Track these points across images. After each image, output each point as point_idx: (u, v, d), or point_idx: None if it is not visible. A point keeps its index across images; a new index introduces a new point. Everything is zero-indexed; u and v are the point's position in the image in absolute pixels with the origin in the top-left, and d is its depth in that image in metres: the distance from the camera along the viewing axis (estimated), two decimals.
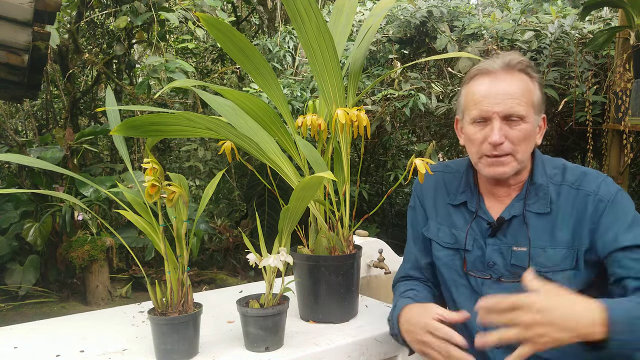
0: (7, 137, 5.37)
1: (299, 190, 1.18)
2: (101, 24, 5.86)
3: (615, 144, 2.90)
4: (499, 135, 1.20)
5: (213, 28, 1.20)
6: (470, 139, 1.27)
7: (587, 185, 1.23)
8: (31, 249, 4.40)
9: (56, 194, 1.31)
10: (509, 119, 1.21)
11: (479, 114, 1.23)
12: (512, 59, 1.23)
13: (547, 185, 1.25)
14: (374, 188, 5.51)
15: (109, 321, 1.50)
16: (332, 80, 1.36)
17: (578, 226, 1.21)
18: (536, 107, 1.24)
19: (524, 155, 1.24)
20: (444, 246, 1.38)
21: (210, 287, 4.66)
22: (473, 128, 1.26)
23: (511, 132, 1.21)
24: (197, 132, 1.30)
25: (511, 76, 1.22)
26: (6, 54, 3.03)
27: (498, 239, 1.28)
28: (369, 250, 2.01)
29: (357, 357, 1.33)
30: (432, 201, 1.43)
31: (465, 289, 1.35)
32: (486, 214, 1.32)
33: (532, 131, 1.23)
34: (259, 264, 1.26)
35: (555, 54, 3.16)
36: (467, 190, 1.36)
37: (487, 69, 1.24)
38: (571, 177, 1.26)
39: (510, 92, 1.20)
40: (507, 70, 1.22)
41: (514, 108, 1.20)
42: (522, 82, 1.22)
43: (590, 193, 1.22)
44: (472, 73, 1.28)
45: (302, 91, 3.82)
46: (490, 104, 1.21)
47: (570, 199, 1.23)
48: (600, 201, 1.20)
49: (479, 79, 1.25)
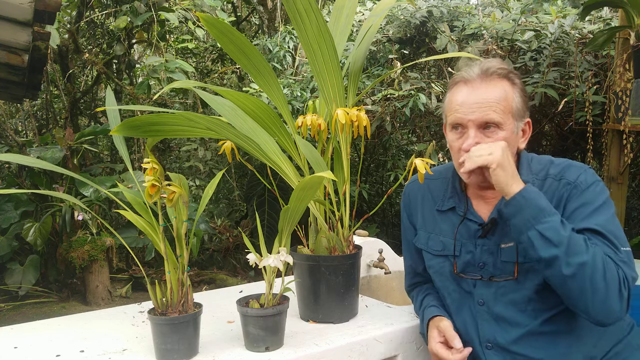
0: (7, 137, 5.38)
1: (299, 190, 1.18)
2: (101, 24, 5.86)
3: (615, 144, 2.90)
4: (472, 143, 1.22)
5: (213, 28, 1.20)
6: (450, 145, 1.31)
7: (569, 175, 1.25)
8: (31, 249, 4.41)
9: (56, 194, 1.31)
10: (484, 127, 1.23)
11: (455, 121, 1.26)
12: (491, 67, 1.25)
13: (533, 181, 1.27)
14: (374, 188, 5.51)
15: (109, 321, 1.50)
16: (332, 80, 1.36)
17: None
18: (515, 113, 1.25)
19: None
20: (434, 254, 1.40)
21: (210, 287, 4.66)
22: (452, 135, 1.29)
23: (488, 140, 1.22)
24: (197, 132, 1.30)
25: (487, 84, 1.23)
26: (6, 54, 3.03)
27: (487, 239, 1.30)
28: (369, 250, 2.01)
29: (357, 357, 1.33)
30: (420, 211, 1.45)
31: (456, 294, 1.36)
32: (475, 216, 1.33)
33: (511, 138, 1.24)
34: (259, 264, 1.26)
35: (555, 54, 3.16)
36: (455, 195, 1.38)
37: (465, 77, 1.26)
38: (555, 170, 1.28)
39: (486, 101, 1.22)
40: (484, 78, 1.24)
41: (488, 116, 1.21)
42: (499, 90, 1.23)
43: (570, 182, 1.24)
44: (453, 80, 1.30)
45: (302, 91, 3.82)
46: (465, 113, 1.23)
47: (552, 189, 1.25)
48: (575, 187, 1.22)
49: (458, 87, 1.27)
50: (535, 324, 1.24)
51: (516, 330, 1.25)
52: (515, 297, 1.25)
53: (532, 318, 1.24)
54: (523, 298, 1.25)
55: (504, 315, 1.27)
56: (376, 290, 2.05)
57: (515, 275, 1.24)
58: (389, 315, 1.52)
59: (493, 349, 1.28)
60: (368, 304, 1.63)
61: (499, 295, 1.27)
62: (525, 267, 1.24)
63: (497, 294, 1.28)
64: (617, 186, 2.90)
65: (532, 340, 1.24)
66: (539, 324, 1.24)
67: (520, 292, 1.25)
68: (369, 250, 2.01)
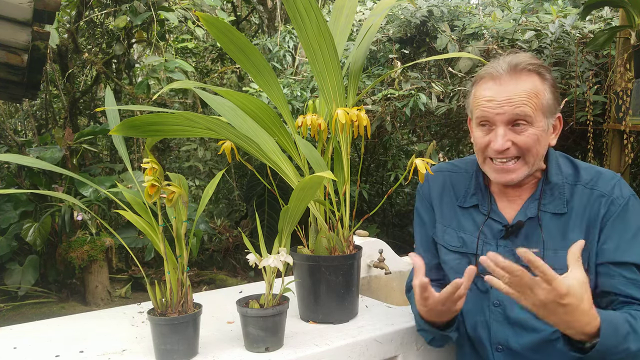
0: (7, 137, 5.37)
1: (298, 190, 1.18)
2: (100, 24, 5.86)
3: (616, 143, 2.89)
4: (502, 142, 1.17)
5: (213, 27, 1.19)
6: (476, 141, 1.25)
7: (602, 185, 1.20)
8: (30, 249, 4.40)
9: (55, 194, 1.31)
10: (514, 123, 1.18)
11: (483, 118, 1.21)
12: (520, 62, 1.19)
13: (563, 185, 1.23)
14: (374, 188, 5.51)
15: (108, 321, 1.50)
16: (332, 80, 1.35)
17: (590, 228, 1.19)
18: (546, 109, 1.19)
19: (535, 158, 1.21)
20: (450, 249, 1.35)
21: (210, 288, 4.66)
22: (479, 131, 1.24)
23: (518, 137, 1.18)
24: (197, 132, 1.29)
25: (517, 79, 1.18)
26: (6, 53, 3.03)
27: (510, 240, 1.25)
28: (369, 250, 2.00)
29: (357, 357, 1.33)
30: (439, 202, 1.39)
31: (471, 292, 1.31)
32: (499, 216, 1.28)
33: (542, 135, 1.19)
34: (258, 264, 1.25)
35: (555, 54, 3.16)
36: (478, 192, 1.33)
37: (493, 73, 1.20)
38: (586, 176, 1.23)
39: (515, 97, 1.16)
40: (512, 73, 1.18)
41: (517, 112, 1.16)
42: (529, 85, 1.17)
43: (604, 194, 1.19)
44: (480, 74, 1.25)
45: (302, 91, 3.81)
46: (494, 109, 1.18)
47: (584, 200, 1.20)
48: (612, 204, 1.18)
49: (485, 83, 1.22)
50: (550, 331, 1.20)
51: (530, 336, 1.22)
52: None
53: (548, 325, 1.21)
54: None
55: (519, 319, 1.23)
56: (376, 290, 2.05)
57: None
58: (389, 315, 1.52)
59: (503, 352, 1.26)
60: (368, 305, 1.62)
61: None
62: None
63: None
64: None
65: (545, 347, 1.21)
66: (553, 331, 1.19)
67: None
68: (369, 250, 2.00)
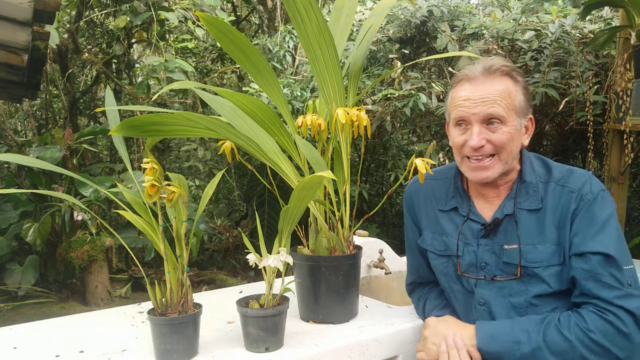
0: (7, 137, 5.37)
1: (298, 190, 1.18)
2: (101, 24, 5.86)
3: (616, 143, 2.89)
4: (477, 140, 1.23)
5: (213, 27, 1.19)
6: (453, 141, 1.31)
7: (573, 182, 1.26)
8: (30, 249, 4.40)
9: (55, 194, 1.31)
10: (488, 122, 1.24)
11: (458, 117, 1.27)
12: (494, 64, 1.26)
13: (537, 183, 1.28)
14: (374, 188, 5.51)
15: (108, 321, 1.50)
16: (332, 80, 1.35)
17: (563, 223, 1.24)
18: (518, 110, 1.25)
19: (509, 156, 1.26)
20: (438, 254, 1.40)
21: (210, 288, 4.66)
22: (456, 131, 1.29)
23: (493, 135, 1.23)
24: (197, 132, 1.29)
25: (491, 80, 1.25)
26: (6, 53, 3.03)
27: (489, 239, 1.30)
28: (369, 250, 2.00)
29: (357, 357, 1.33)
30: (424, 211, 1.45)
31: (460, 294, 1.37)
32: (478, 216, 1.33)
33: (515, 133, 1.25)
34: (258, 264, 1.25)
35: (556, 54, 3.16)
36: (457, 195, 1.38)
37: (468, 74, 1.27)
38: (558, 174, 1.29)
39: (489, 96, 1.23)
40: (487, 75, 1.25)
41: (490, 111, 1.22)
42: (502, 86, 1.24)
43: (574, 190, 1.24)
44: (456, 78, 1.32)
45: (302, 91, 3.81)
46: (469, 107, 1.24)
47: (557, 196, 1.26)
48: (582, 199, 1.23)
49: (461, 84, 1.28)
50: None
51: None
52: (516, 300, 1.26)
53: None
54: (524, 302, 1.25)
55: (503, 317, 1.27)
56: (376, 290, 2.05)
57: (518, 275, 1.24)
58: (389, 315, 1.52)
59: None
60: (368, 305, 1.62)
61: (500, 297, 1.27)
62: (527, 270, 1.24)
63: (498, 294, 1.27)
64: (618, 186, 2.90)
65: None
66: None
67: (522, 296, 1.25)
68: (369, 250, 2.01)
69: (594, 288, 1.17)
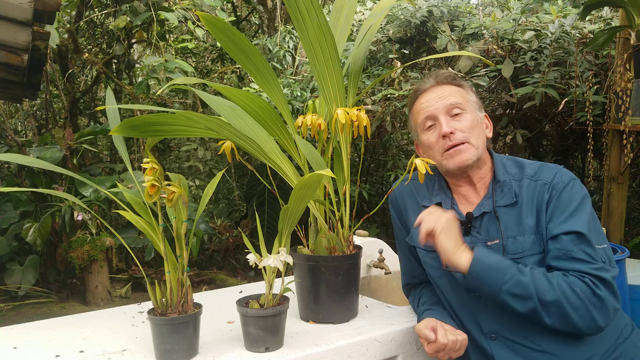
0: (7, 137, 5.37)
1: (298, 189, 1.18)
2: (101, 24, 5.85)
3: (616, 143, 2.90)
4: (448, 127, 1.35)
5: (213, 27, 1.19)
6: (428, 144, 1.41)
7: (545, 175, 1.34)
8: (31, 249, 4.40)
9: (56, 193, 1.31)
10: (451, 112, 1.37)
11: (425, 117, 1.40)
12: (442, 74, 1.44)
13: (510, 181, 1.36)
14: (374, 188, 5.51)
15: (108, 321, 1.50)
16: (332, 80, 1.35)
17: (539, 212, 1.31)
18: (473, 102, 1.42)
19: (478, 141, 1.37)
20: (427, 250, 1.43)
21: (210, 288, 4.66)
22: (426, 134, 1.41)
23: (458, 123, 1.36)
24: (197, 132, 1.29)
25: (442, 86, 1.42)
26: (6, 53, 3.02)
27: (473, 236, 1.35)
28: (369, 250, 2.00)
29: (357, 357, 1.33)
30: (410, 210, 1.50)
31: (448, 286, 1.40)
32: (459, 214, 1.39)
33: (477, 121, 1.39)
34: (258, 264, 1.25)
35: (555, 54, 3.16)
36: (441, 193, 1.45)
37: (422, 87, 1.45)
38: (530, 170, 1.37)
39: (445, 93, 1.40)
40: (438, 83, 1.43)
41: (450, 101, 1.38)
42: (453, 88, 1.42)
43: (547, 182, 1.32)
44: (413, 94, 1.47)
45: (302, 91, 3.81)
46: (431, 105, 1.40)
47: (531, 190, 1.33)
48: (554, 188, 1.31)
49: (419, 97, 1.44)
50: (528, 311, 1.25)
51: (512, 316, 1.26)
52: None
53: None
54: None
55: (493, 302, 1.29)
56: (376, 290, 2.05)
57: None
58: (389, 315, 1.52)
59: (496, 340, 1.31)
60: (368, 304, 1.62)
61: None
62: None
63: None
64: (618, 186, 2.90)
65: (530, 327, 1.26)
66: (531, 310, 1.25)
67: None
68: (369, 250, 2.01)
69: (568, 265, 1.22)
